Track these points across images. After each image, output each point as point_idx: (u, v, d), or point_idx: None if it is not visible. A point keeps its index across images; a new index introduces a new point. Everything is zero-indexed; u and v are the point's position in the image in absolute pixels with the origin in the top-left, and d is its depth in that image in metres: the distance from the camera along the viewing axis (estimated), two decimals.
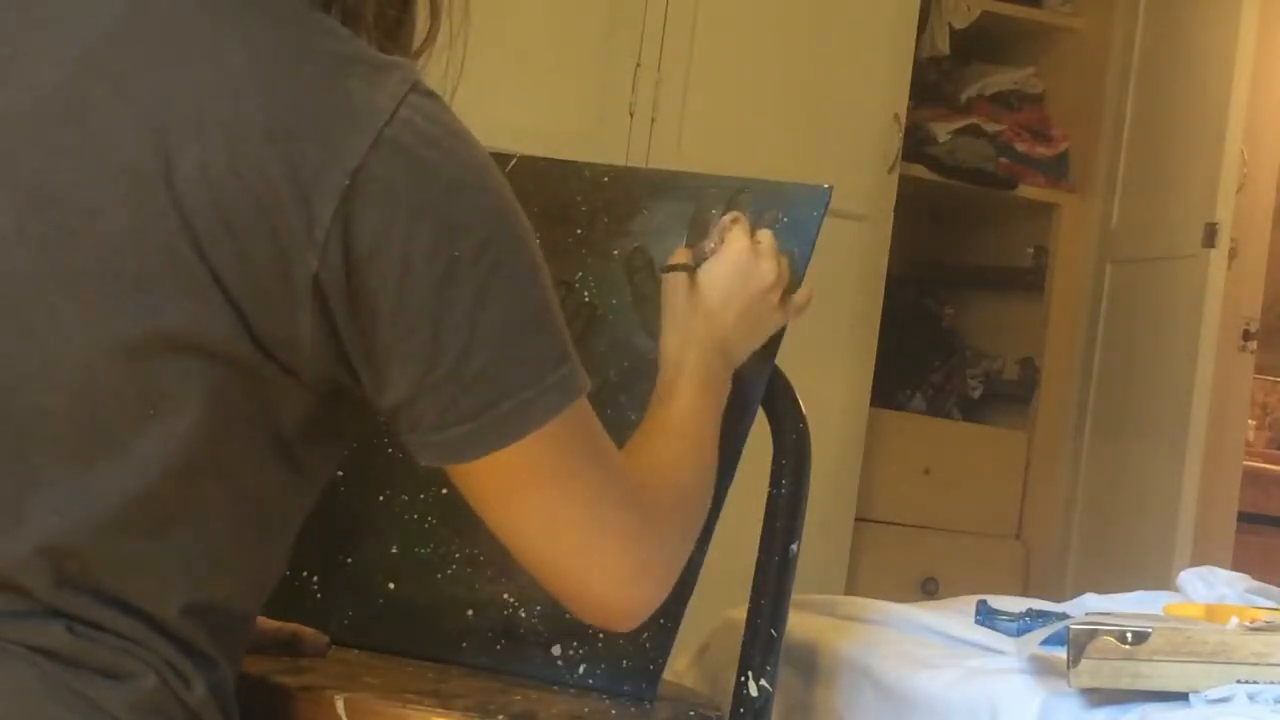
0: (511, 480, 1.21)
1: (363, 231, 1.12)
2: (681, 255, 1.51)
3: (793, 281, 1.52)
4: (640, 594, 1.28)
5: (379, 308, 1.13)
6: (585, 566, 1.25)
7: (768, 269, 1.49)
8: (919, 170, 4.33)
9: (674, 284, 1.49)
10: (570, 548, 1.24)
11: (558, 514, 1.23)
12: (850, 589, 3.98)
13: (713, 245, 1.50)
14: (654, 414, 1.42)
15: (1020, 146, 4.48)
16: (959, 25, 4.42)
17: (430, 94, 1.18)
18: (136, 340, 1.12)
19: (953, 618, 1.82)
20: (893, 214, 4.07)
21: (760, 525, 1.49)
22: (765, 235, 1.51)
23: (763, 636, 1.46)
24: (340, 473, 1.44)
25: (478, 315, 1.15)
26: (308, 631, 1.46)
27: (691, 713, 1.40)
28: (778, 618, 1.47)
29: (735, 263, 1.49)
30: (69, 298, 1.12)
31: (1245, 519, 4.42)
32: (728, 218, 1.53)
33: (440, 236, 1.14)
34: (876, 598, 1.98)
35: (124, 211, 1.11)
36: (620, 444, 1.30)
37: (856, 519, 4.12)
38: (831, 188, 1.56)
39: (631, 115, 3.84)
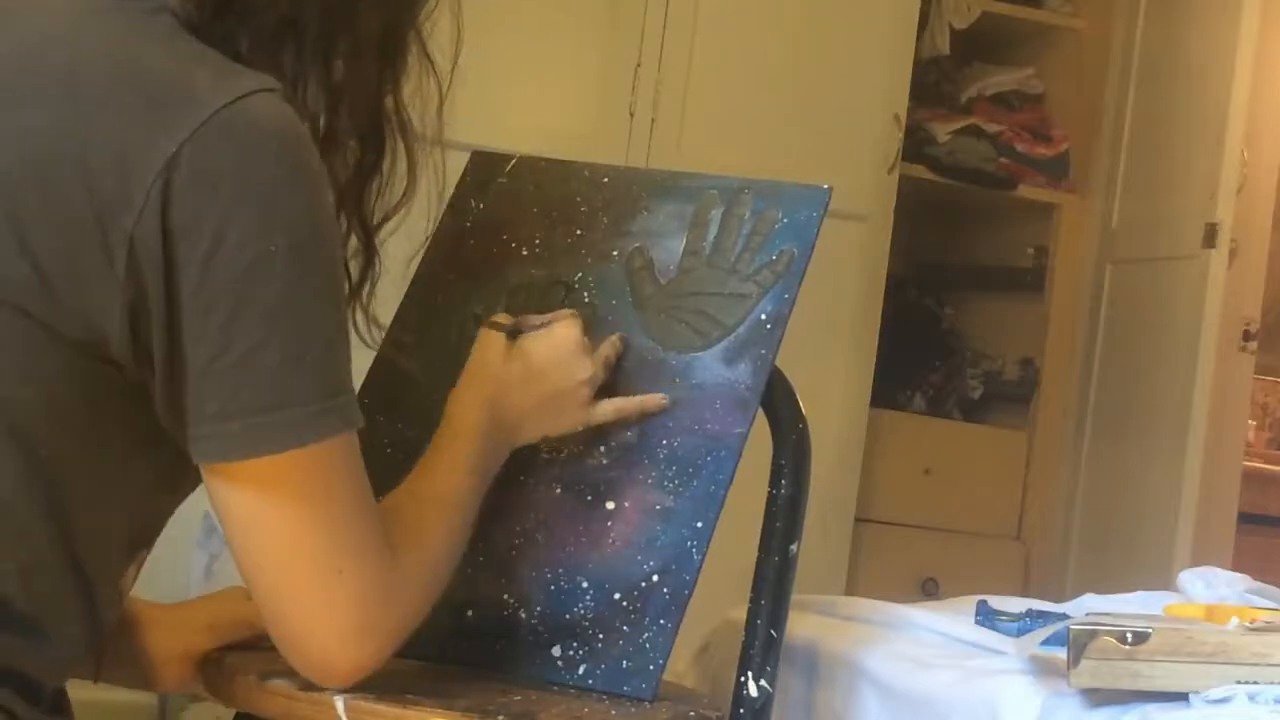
0: (268, 493, 1.20)
1: (182, 202, 1.14)
2: (505, 318, 1.48)
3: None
4: (357, 655, 1.25)
5: (185, 280, 1.15)
6: (311, 610, 1.23)
7: (586, 364, 1.45)
8: (919, 170, 4.33)
9: (487, 341, 1.46)
10: (300, 585, 1.22)
11: (300, 542, 1.21)
12: (850, 589, 3.97)
13: (539, 322, 1.47)
14: (420, 475, 1.38)
15: (1020, 147, 4.48)
16: (959, 25, 4.42)
17: (284, 101, 1.20)
18: None
19: (953, 618, 1.82)
20: (893, 214, 4.07)
21: (760, 525, 1.49)
22: (610, 342, 1.49)
23: (763, 636, 1.46)
24: None
25: (280, 313, 1.17)
26: None
27: (691, 713, 1.40)
28: (778, 618, 1.47)
29: (556, 346, 1.45)
30: None
31: (1245, 519, 4.42)
32: (565, 311, 1.49)
33: (259, 226, 1.16)
34: (876, 598, 1.98)
35: None
36: (618, 445, 1.29)
37: (856, 519, 4.12)
38: (830, 188, 1.56)
39: (631, 115, 3.83)
